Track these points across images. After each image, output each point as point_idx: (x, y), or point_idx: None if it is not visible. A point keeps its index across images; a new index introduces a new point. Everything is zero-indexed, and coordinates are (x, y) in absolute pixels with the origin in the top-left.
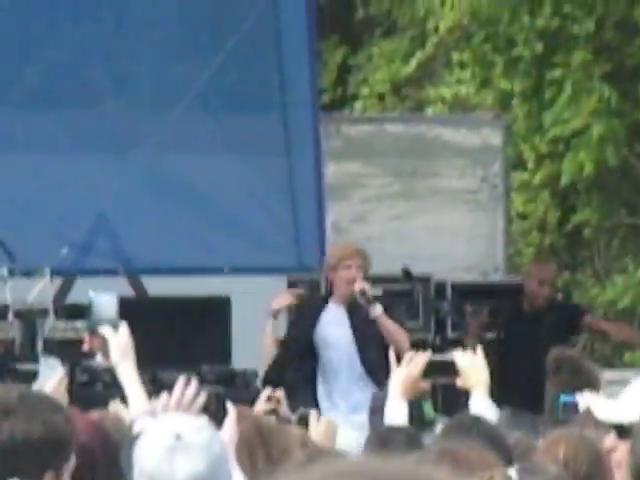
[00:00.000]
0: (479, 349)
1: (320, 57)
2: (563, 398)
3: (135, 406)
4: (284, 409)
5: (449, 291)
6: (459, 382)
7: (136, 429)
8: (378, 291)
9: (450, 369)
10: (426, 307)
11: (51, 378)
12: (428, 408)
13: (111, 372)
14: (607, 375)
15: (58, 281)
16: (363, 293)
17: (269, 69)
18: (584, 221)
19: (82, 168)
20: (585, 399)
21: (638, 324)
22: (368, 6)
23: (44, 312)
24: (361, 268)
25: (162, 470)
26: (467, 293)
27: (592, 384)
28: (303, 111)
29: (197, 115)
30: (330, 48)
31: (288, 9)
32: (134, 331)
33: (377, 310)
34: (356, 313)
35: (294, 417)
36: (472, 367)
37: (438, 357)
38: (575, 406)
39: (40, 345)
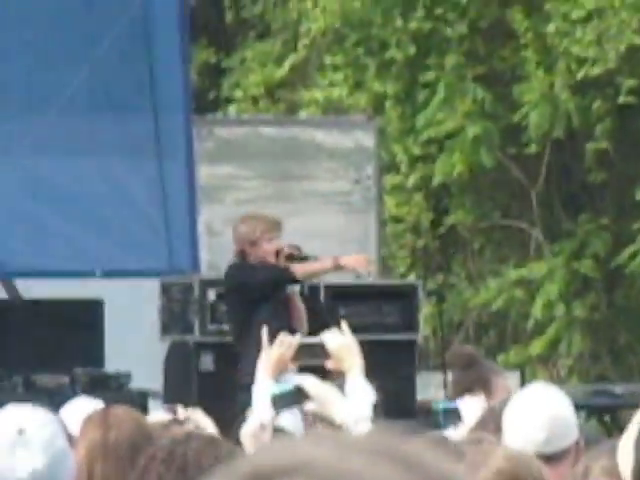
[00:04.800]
0: (347, 330)
1: (192, 60)
2: (442, 405)
3: None
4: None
5: (322, 293)
6: (330, 365)
7: None
8: None
9: (321, 352)
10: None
11: None
12: None
13: None
14: None
15: None
16: (291, 256)
17: (141, 71)
18: (457, 223)
19: None
20: (467, 404)
21: (511, 326)
22: (240, 9)
23: None
24: (280, 239)
25: (2, 464)
26: (340, 295)
27: (484, 382)
28: (175, 113)
29: (70, 117)
30: (200, 50)
31: (159, 11)
32: (7, 334)
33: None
34: None
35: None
36: (343, 348)
37: (309, 340)
38: (457, 412)
39: None
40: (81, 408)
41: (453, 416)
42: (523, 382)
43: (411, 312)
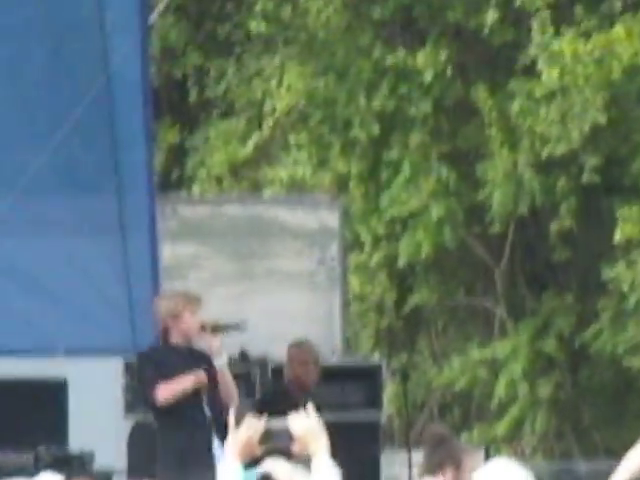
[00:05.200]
0: (313, 412)
1: (156, 139)
2: None
3: None
4: None
5: None
6: (296, 448)
7: None
8: None
9: (287, 435)
10: (263, 389)
11: None
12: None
13: None
14: None
15: None
16: (216, 328)
17: (104, 151)
18: (421, 302)
19: None
20: None
21: (475, 405)
22: (204, 88)
23: None
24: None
25: None
26: None
27: (454, 460)
28: (139, 193)
29: (33, 198)
30: (164, 129)
31: (123, 91)
32: None
33: (223, 358)
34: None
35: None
36: (309, 432)
37: (274, 424)
38: None
39: None
40: None
41: None
42: (487, 460)
43: (375, 391)
